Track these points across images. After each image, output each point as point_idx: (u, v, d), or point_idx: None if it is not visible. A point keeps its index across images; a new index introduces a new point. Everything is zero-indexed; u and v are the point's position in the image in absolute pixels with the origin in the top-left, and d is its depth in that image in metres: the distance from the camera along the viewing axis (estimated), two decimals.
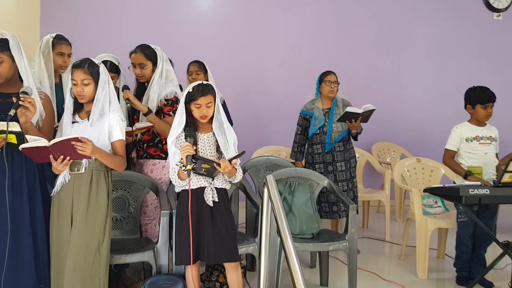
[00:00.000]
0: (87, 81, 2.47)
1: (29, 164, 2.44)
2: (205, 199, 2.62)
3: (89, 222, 2.46)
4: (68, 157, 2.36)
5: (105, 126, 2.50)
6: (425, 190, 3.43)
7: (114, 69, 3.28)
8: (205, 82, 2.70)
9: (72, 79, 2.49)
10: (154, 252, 2.82)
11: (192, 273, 2.63)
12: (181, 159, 2.52)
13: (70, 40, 3.15)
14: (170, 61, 4.13)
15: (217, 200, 2.65)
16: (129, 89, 3.19)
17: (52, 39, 3.09)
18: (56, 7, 5.35)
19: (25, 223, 2.45)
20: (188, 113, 2.64)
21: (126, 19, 5.55)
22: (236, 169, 2.67)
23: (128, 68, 3.31)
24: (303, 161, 4.31)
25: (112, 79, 3.21)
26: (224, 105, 4.18)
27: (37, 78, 3.00)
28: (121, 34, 5.44)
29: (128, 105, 3.09)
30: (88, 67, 2.48)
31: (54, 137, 2.53)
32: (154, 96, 3.19)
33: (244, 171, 4.10)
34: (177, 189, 2.69)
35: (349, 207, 3.23)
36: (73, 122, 2.54)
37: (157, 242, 2.86)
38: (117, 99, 2.60)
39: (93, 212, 2.47)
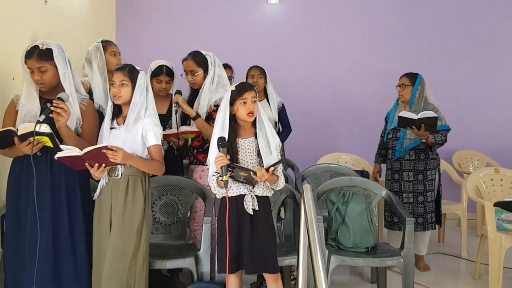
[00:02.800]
0: (125, 82, 2.51)
1: (68, 168, 2.52)
2: (245, 207, 2.54)
3: (125, 227, 2.49)
4: (103, 164, 2.40)
5: (139, 131, 2.51)
6: (495, 204, 3.07)
7: (169, 73, 3.33)
8: (246, 82, 2.65)
9: (111, 80, 2.55)
10: (195, 259, 2.78)
11: (230, 282, 2.56)
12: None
13: (143, 47, 3.28)
14: (229, 66, 4.19)
15: (257, 208, 2.55)
16: (181, 93, 3.21)
17: (101, 44, 3.23)
18: (131, 16, 5.59)
19: (64, 227, 2.53)
20: (231, 118, 2.58)
21: (196, 26, 5.65)
22: (277, 176, 2.56)
23: (181, 75, 3.33)
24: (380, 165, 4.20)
25: (167, 83, 3.31)
26: (282, 110, 4.08)
27: (96, 87, 3.15)
28: (190, 41, 5.51)
29: (175, 108, 3.10)
30: (129, 70, 2.53)
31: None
32: (204, 102, 3.18)
33: (303, 179, 3.97)
34: (218, 196, 2.63)
35: (406, 221, 2.97)
36: (111, 128, 2.59)
37: (199, 249, 2.83)
38: (154, 106, 2.61)
39: (129, 217, 2.50)
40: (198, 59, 3.21)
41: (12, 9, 3.15)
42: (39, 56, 2.50)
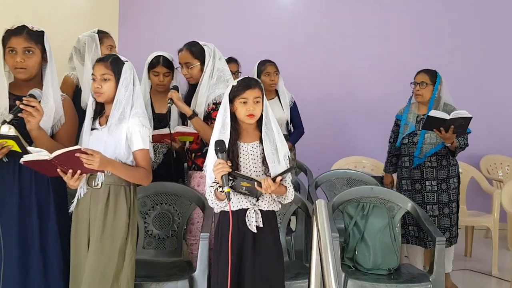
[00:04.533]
0: (107, 76, 2.14)
1: (41, 175, 2.15)
2: (247, 224, 2.15)
3: (105, 245, 2.12)
4: (78, 171, 2.03)
5: (122, 133, 2.14)
6: None
7: (166, 64, 2.96)
8: (252, 77, 2.27)
9: (92, 74, 2.18)
10: (189, 282, 2.40)
11: None
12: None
13: (148, 40, 2.93)
14: (235, 60, 3.80)
15: (261, 225, 2.16)
16: (177, 89, 2.83)
17: (97, 34, 2.86)
18: (134, 8, 5.23)
19: (33, 245, 2.16)
20: (231, 117, 2.19)
21: (203, 19, 5.28)
22: (285, 187, 2.17)
23: (176, 68, 2.96)
24: (393, 175, 3.69)
25: (165, 75, 2.94)
26: (294, 108, 3.68)
27: (86, 82, 2.79)
28: (197, 34, 5.15)
29: (169, 105, 2.73)
30: (112, 62, 2.16)
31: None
32: (202, 99, 2.79)
33: (316, 186, 3.57)
34: (216, 210, 2.25)
35: (436, 240, 2.55)
36: (92, 129, 2.22)
37: (195, 269, 2.44)
38: (143, 104, 2.23)
39: (110, 234, 2.13)
40: (194, 50, 2.82)
41: None
42: (29, 35, 2.18)
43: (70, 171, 2.04)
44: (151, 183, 2.75)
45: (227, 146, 2.09)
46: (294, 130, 3.73)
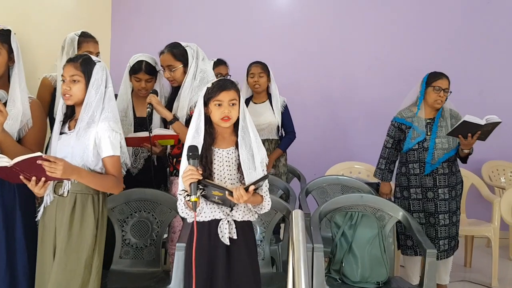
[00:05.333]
0: (77, 78, 2.04)
1: (6, 182, 2.04)
2: (219, 236, 2.03)
3: (70, 258, 2.00)
4: (43, 178, 1.92)
5: (91, 138, 2.03)
6: None
7: (149, 70, 2.84)
8: (228, 78, 2.13)
9: (61, 75, 2.07)
10: None
11: None
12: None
13: (141, 42, 2.80)
14: (224, 62, 3.68)
15: (235, 237, 2.03)
16: (157, 93, 2.72)
17: (78, 37, 2.74)
18: (127, 8, 5.13)
19: (1, 255, 2.05)
20: (206, 121, 2.07)
21: (198, 19, 5.16)
22: (261, 196, 2.04)
23: (158, 71, 2.84)
24: (392, 183, 3.51)
25: (148, 82, 2.83)
26: (285, 112, 3.55)
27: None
28: (193, 35, 5.03)
29: (148, 109, 2.62)
30: (82, 62, 2.05)
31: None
32: (184, 103, 2.68)
33: (307, 193, 3.44)
34: (189, 220, 2.13)
35: (427, 252, 2.41)
36: (61, 133, 2.11)
37: (169, 282, 2.32)
38: (115, 107, 2.12)
39: (76, 246, 2.01)
40: (176, 52, 2.70)
41: None
42: None
43: (34, 178, 1.93)
44: (130, 190, 2.69)
45: (187, 159, 1.95)
46: (285, 135, 3.60)
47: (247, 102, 3.60)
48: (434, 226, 3.21)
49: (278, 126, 3.54)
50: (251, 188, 1.91)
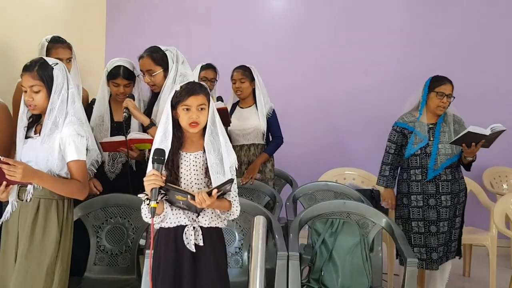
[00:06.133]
0: (37, 88, 2.00)
1: None
2: (185, 242, 1.96)
3: (31, 264, 1.96)
4: (4, 182, 1.88)
5: (55, 143, 1.99)
6: None
7: (127, 75, 2.79)
8: (197, 82, 2.10)
9: (21, 85, 2.03)
10: None
11: None
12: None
13: (134, 43, 2.75)
14: (213, 67, 3.62)
15: (201, 243, 1.96)
16: (133, 98, 2.67)
17: (47, 43, 2.70)
18: (121, 11, 5.12)
19: None
20: (174, 124, 2.01)
21: (193, 22, 5.13)
22: (229, 201, 1.97)
23: (138, 76, 2.80)
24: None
25: (126, 87, 2.78)
26: (273, 117, 3.47)
27: None
28: (188, 38, 5.03)
29: (124, 114, 2.57)
30: (38, 69, 2.01)
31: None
32: (164, 107, 2.61)
33: (295, 200, 3.36)
34: (156, 226, 2.06)
35: (407, 261, 2.31)
36: (27, 138, 2.07)
37: None
38: (79, 109, 2.07)
39: (37, 252, 1.98)
40: (156, 56, 2.66)
41: None
42: None
43: None
44: (106, 195, 2.64)
45: (152, 162, 1.89)
46: (272, 140, 3.52)
47: (234, 106, 3.54)
48: (435, 235, 3.11)
49: (264, 131, 3.45)
50: (214, 192, 1.84)
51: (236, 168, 2.06)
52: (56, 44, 2.73)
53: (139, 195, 1.94)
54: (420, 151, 3.16)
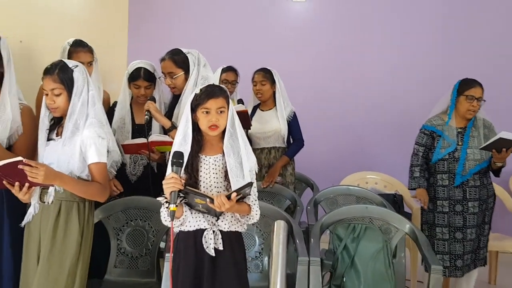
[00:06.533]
0: (58, 91, 2.01)
1: None
2: (204, 246, 1.94)
3: (53, 266, 1.97)
4: (26, 184, 1.89)
5: (76, 146, 2.00)
6: None
7: (148, 77, 2.80)
8: (217, 84, 2.07)
9: (42, 89, 2.04)
10: None
11: None
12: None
13: (155, 48, 2.78)
14: (234, 70, 3.61)
15: (221, 248, 1.94)
16: (154, 100, 2.68)
17: (69, 47, 2.73)
18: (143, 16, 5.15)
19: None
20: (194, 127, 2.00)
21: (213, 26, 5.13)
22: (248, 205, 1.95)
23: (159, 78, 2.81)
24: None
25: (147, 88, 2.79)
26: (293, 120, 3.44)
27: None
28: (207, 41, 5.02)
29: (146, 117, 2.58)
30: (59, 73, 2.02)
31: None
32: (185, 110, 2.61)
33: (316, 204, 3.32)
34: (175, 230, 2.05)
35: (431, 269, 2.25)
36: (49, 140, 2.09)
37: None
38: (99, 111, 2.08)
39: (59, 253, 1.98)
40: (177, 59, 2.66)
41: None
42: None
43: (17, 183, 1.91)
44: (127, 198, 2.65)
45: (171, 165, 1.88)
46: (292, 142, 3.48)
47: (254, 109, 3.52)
48: (461, 242, 3.04)
49: (285, 134, 3.42)
50: (233, 195, 1.82)
51: (256, 172, 2.04)
52: (78, 47, 2.75)
53: (158, 198, 1.93)
54: (448, 156, 3.09)
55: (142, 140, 2.62)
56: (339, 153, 4.95)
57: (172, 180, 1.83)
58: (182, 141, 1.99)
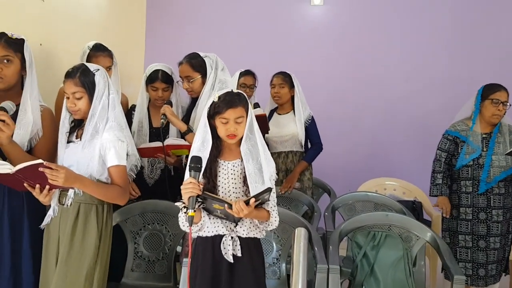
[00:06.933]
0: (79, 94, 2.01)
1: (14, 191, 2.04)
2: (222, 252, 1.92)
3: (71, 268, 1.97)
4: (47, 186, 1.89)
5: (96, 149, 1.99)
6: None
7: (165, 79, 2.79)
8: (236, 91, 2.01)
9: (64, 92, 2.04)
10: None
11: None
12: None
13: (173, 53, 2.78)
14: (252, 73, 3.58)
15: (239, 254, 1.92)
16: (171, 104, 2.67)
17: (89, 51, 2.73)
18: (160, 20, 5.16)
19: (4, 265, 2.05)
20: (212, 133, 1.98)
21: (230, 30, 5.11)
22: (267, 211, 1.92)
23: (177, 82, 2.80)
24: None
25: (164, 91, 2.79)
26: (311, 124, 3.40)
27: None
28: (224, 45, 5.01)
29: (162, 120, 2.57)
30: (80, 76, 2.01)
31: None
32: (202, 114, 2.58)
33: (333, 210, 3.27)
34: (193, 235, 2.03)
35: (454, 279, 2.19)
36: (69, 142, 2.08)
37: None
38: (119, 114, 2.07)
39: (77, 256, 1.98)
40: (195, 62, 2.65)
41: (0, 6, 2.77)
42: (7, 43, 2.07)
43: (38, 186, 1.92)
44: (144, 201, 2.64)
45: (189, 170, 1.86)
46: (310, 147, 3.45)
47: (271, 113, 3.49)
48: (484, 250, 2.98)
49: (302, 138, 3.39)
50: (252, 201, 1.79)
51: (275, 179, 2.01)
52: (97, 52, 2.75)
53: (176, 203, 1.91)
54: (472, 162, 3.04)
55: (158, 144, 2.61)
56: (356, 158, 4.89)
57: (190, 185, 1.81)
58: (200, 147, 1.96)
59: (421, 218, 3.62)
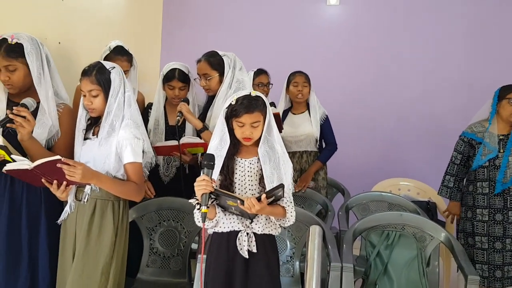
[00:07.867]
0: (96, 92, 2.03)
1: (33, 187, 2.08)
2: (238, 248, 1.94)
3: (87, 264, 2.00)
4: (64, 182, 1.93)
5: (112, 146, 2.02)
6: None
7: (182, 78, 2.82)
8: (254, 94, 2.02)
9: (80, 89, 2.08)
10: None
11: None
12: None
13: (189, 53, 2.81)
14: (265, 72, 3.60)
15: (255, 250, 1.94)
16: (188, 102, 2.70)
17: (108, 52, 2.77)
18: (177, 21, 5.20)
19: (22, 261, 2.09)
20: (230, 130, 2.00)
21: (245, 31, 5.13)
22: (283, 207, 1.93)
23: (195, 79, 2.82)
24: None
25: (181, 89, 2.81)
26: (326, 123, 3.41)
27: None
28: (239, 46, 5.01)
29: (178, 118, 2.59)
30: (96, 74, 2.04)
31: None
32: (218, 112, 2.60)
33: (347, 209, 3.28)
34: (209, 231, 2.06)
35: (468, 279, 2.19)
36: (86, 139, 2.12)
37: None
38: (135, 112, 2.10)
39: (93, 251, 2.01)
40: (213, 61, 2.67)
41: (20, 5, 2.82)
42: (6, 52, 2.07)
43: (55, 182, 1.95)
44: (160, 198, 2.67)
45: (201, 167, 1.88)
46: (325, 146, 3.45)
47: (285, 113, 3.50)
48: (500, 252, 2.96)
49: (317, 138, 3.40)
50: (263, 197, 1.80)
51: (293, 179, 2.03)
52: (116, 55, 2.76)
53: (190, 200, 1.94)
54: (489, 163, 3.01)
55: (173, 142, 2.64)
56: (370, 158, 4.87)
57: (203, 183, 1.83)
58: (218, 146, 1.99)
59: (435, 218, 3.61)
